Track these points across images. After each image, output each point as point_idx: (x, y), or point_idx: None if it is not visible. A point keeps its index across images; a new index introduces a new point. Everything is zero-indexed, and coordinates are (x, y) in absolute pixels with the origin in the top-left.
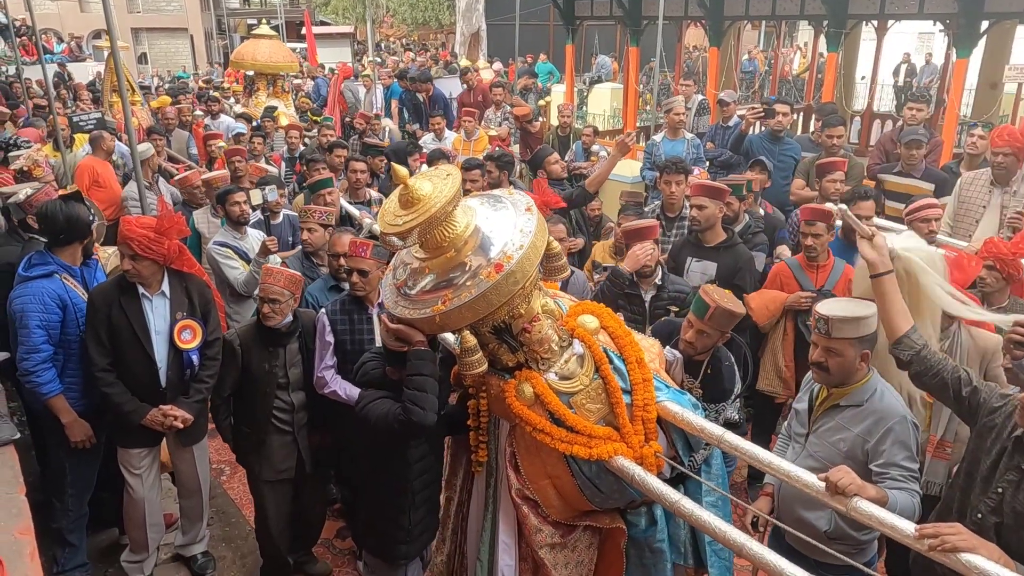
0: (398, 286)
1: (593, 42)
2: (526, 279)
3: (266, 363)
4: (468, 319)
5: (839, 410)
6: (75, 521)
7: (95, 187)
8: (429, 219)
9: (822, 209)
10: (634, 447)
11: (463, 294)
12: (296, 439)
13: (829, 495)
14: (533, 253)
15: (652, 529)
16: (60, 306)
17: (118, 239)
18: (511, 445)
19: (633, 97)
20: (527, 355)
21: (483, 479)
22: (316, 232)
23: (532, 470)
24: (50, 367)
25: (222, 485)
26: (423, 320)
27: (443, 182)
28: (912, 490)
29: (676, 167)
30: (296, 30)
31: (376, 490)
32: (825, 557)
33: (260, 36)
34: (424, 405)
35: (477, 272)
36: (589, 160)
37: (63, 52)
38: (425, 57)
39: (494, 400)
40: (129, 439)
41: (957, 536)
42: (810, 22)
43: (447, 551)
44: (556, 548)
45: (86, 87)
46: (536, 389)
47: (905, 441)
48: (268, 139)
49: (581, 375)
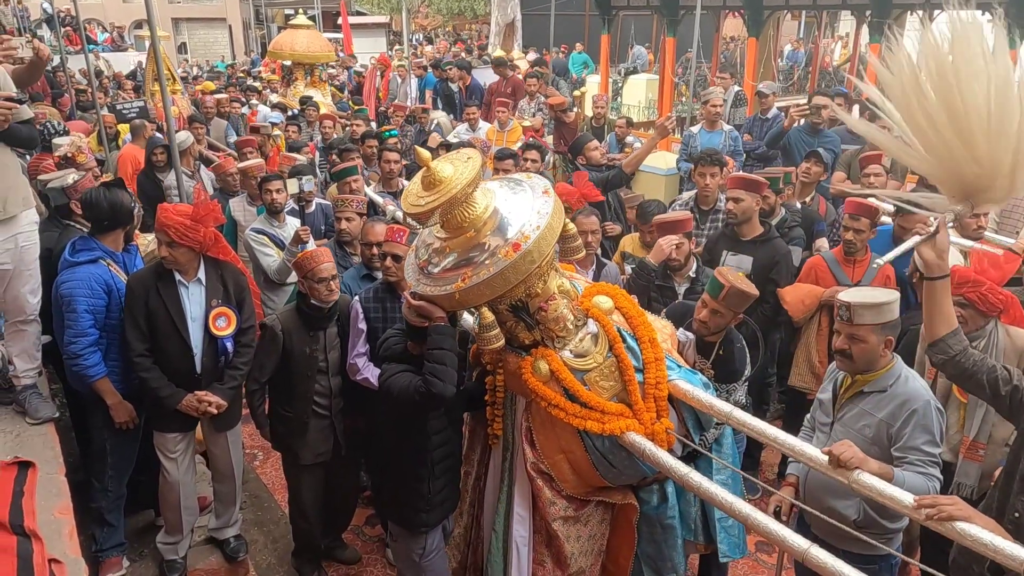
0: (420, 265)
1: (629, 32)
2: (542, 258)
3: (307, 347)
4: (486, 296)
5: (863, 397)
6: (114, 502)
7: (137, 175)
8: (450, 200)
9: (867, 205)
10: (646, 424)
11: (482, 272)
12: (333, 423)
13: (832, 468)
14: (549, 234)
15: (663, 506)
16: (106, 291)
17: (155, 226)
18: (527, 420)
19: (669, 88)
20: (543, 333)
21: (499, 453)
22: (353, 221)
23: (547, 445)
24: (96, 350)
25: (255, 470)
26: (444, 297)
27: (464, 165)
28: (929, 474)
29: (711, 159)
30: (332, 20)
31: (399, 461)
32: (851, 546)
33: (297, 26)
34: (444, 377)
35: (495, 251)
36: (623, 152)
37: (105, 42)
38: (461, 48)
39: (511, 376)
40: (165, 423)
41: (954, 506)
42: (853, 12)
43: (464, 523)
44: (569, 521)
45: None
46: (551, 366)
47: (927, 425)
48: (309, 128)
49: (595, 353)
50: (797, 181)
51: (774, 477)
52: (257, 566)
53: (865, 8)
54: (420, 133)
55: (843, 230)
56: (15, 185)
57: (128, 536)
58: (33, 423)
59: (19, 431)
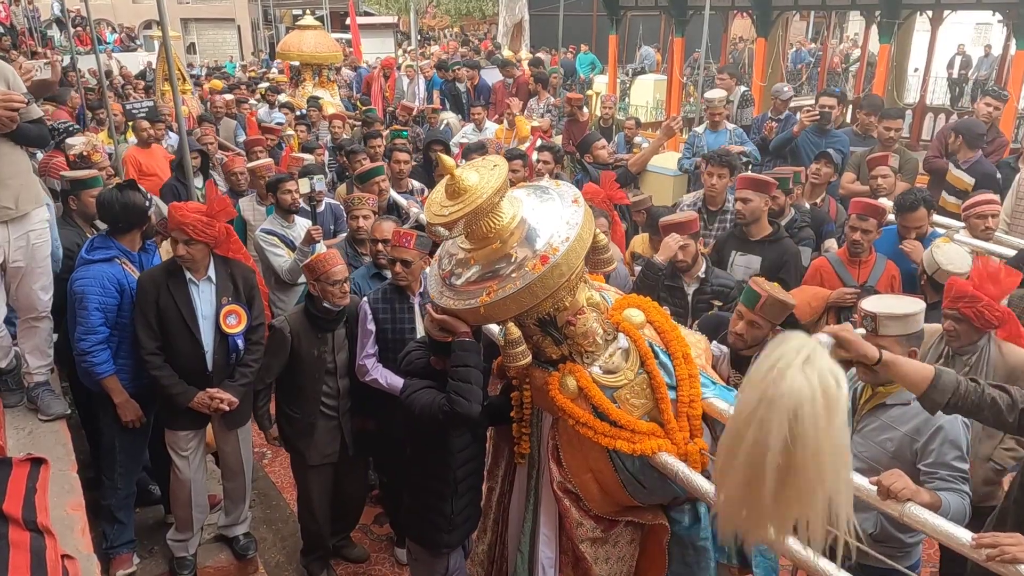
0: (443, 276)
1: (637, 33)
2: (572, 271)
3: (315, 349)
4: (513, 311)
5: (885, 409)
6: (124, 499)
7: (141, 177)
8: (475, 209)
9: (875, 205)
10: (678, 444)
11: (508, 286)
12: (341, 424)
13: (881, 499)
14: (579, 245)
15: (696, 527)
16: (119, 290)
17: (170, 225)
18: (554, 438)
19: (677, 89)
20: (571, 348)
21: (525, 471)
22: (370, 219)
23: (574, 463)
24: (106, 348)
25: (264, 468)
26: (468, 311)
27: (490, 173)
28: (962, 491)
29: (719, 159)
30: (340, 20)
31: (419, 478)
32: (867, 560)
33: (305, 27)
34: (469, 396)
35: (523, 264)
36: (631, 152)
37: (115, 42)
38: (467, 49)
39: (537, 392)
40: (176, 421)
41: (1018, 547)
42: (862, 12)
43: (488, 541)
44: (597, 543)
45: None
46: (580, 382)
47: (956, 440)
48: (314, 128)
49: (626, 369)
50: (807, 182)
51: None
52: (266, 564)
53: (875, 8)
54: (430, 133)
55: (850, 230)
56: (27, 183)
57: (138, 533)
58: (45, 420)
59: (31, 428)
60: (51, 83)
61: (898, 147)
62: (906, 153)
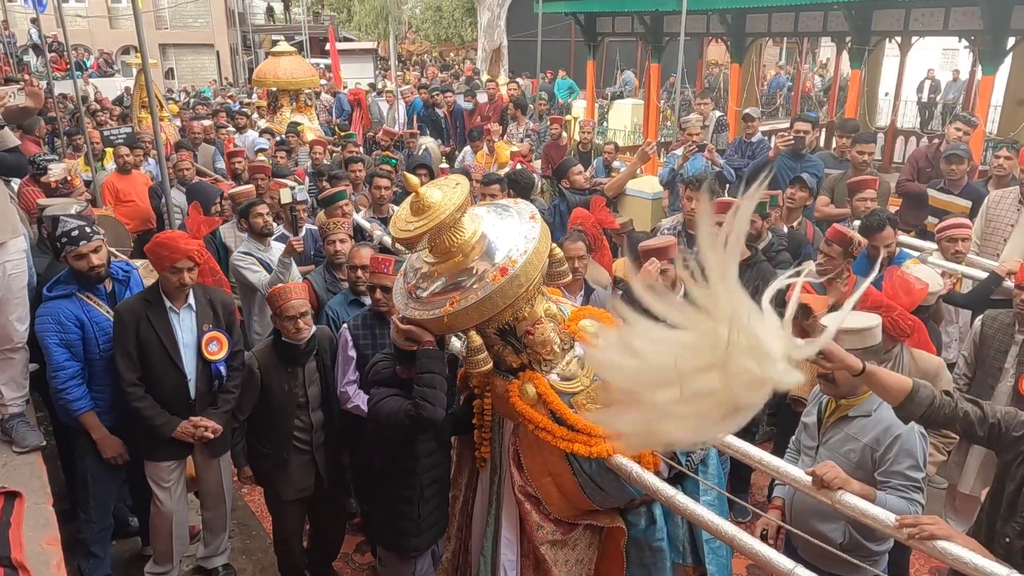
0: (409, 289)
1: (614, 58)
2: (529, 282)
3: (286, 384)
4: (475, 320)
5: (848, 421)
6: (99, 533)
7: (119, 203)
8: (438, 225)
9: (845, 234)
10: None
11: (470, 296)
12: (315, 458)
13: (816, 488)
14: (536, 258)
15: (652, 528)
16: (78, 325)
17: (173, 257)
18: (515, 444)
19: (654, 113)
20: (530, 356)
21: (487, 476)
22: (346, 243)
23: (534, 467)
24: (80, 383)
25: (243, 498)
26: (432, 321)
27: (452, 191)
28: (912, 499)
29: (698, 183)
30: (320, 46)
31: (388, 486)
32: (836, 568)
33: (280, 53)
34: (434, 401)
35: (483, 276)
36: (609, 176)
37: (92, 67)
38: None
39: (498, 400)
40: (158, 452)
41: (935, 526)
42: (833, 38)
43: (452, 548)
44: (557, 545)
45: (112, 102)
46: (539, 389)
47: (911, 450)
48: (293, 154)
49: (582, 376)
50: (783, 206)
51: (764, 499)
52: None
53: (845, 35)
54: (409, 158)
55: (818, 253)
56: (3, 213)
57: (115, 566)
58: (20, 452)
59: (6, 460)
60: (31, 110)
61: (870, 170)
62: (879, 177)
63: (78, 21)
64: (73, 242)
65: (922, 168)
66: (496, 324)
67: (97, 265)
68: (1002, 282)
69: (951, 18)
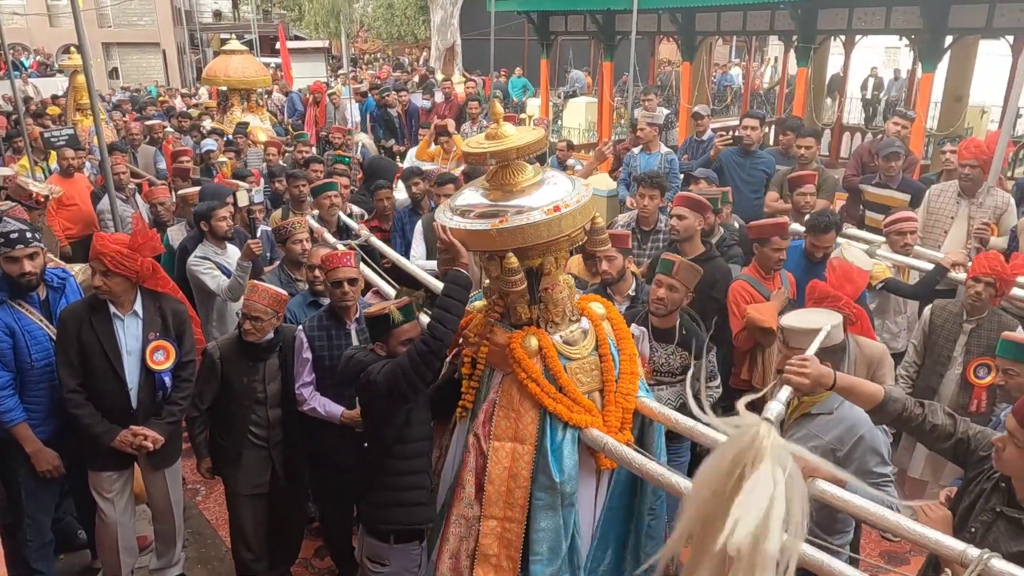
0: (456, 210)
1: (568, 57)
2: (573, 228)
3: (245, 377)
4: (519, 242)
5: (810, 418)
6: (38, 550)
7: (60, 207)
8: (504, 150)
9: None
10: (610, 426)
11: (520, 219)
12: (271, 455)
13: None
14: (583, 211)
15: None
16: (8, 333)
17: (90, 255)
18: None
19: (608, 111)
20: (540, 312)
21: (465, 427)
22: (309, 242)
23: (503, 426)
24: (11, 394)
25: (197, 506)
26: (479, 233)
27: (527, 132)
28: (888, 492)
29: (651, 181)
30: (270, 44)
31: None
32: None
33: (231, 52)
34: (447, 324)
35: (534, 209)
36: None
37: (31, 67)
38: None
39: (495, 350)
40: (100, 462)
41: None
42: (780, 37)
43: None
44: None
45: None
46: (541, 342)
47: (876, 448)
48: (241, 155)
49: (582, 346)
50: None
51: None
52: None
53: (791, 34)
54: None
55: (774, 251)
56: None
57: None
58: None
59: None
60: None
61: (817, 165)
62: (824, 172)
63: (15, 19)
64: (9, 244)
65: (866, 163)
66: (529, 262)
67: (28, 272)
68: (947, 273)
69: (892, 17)
